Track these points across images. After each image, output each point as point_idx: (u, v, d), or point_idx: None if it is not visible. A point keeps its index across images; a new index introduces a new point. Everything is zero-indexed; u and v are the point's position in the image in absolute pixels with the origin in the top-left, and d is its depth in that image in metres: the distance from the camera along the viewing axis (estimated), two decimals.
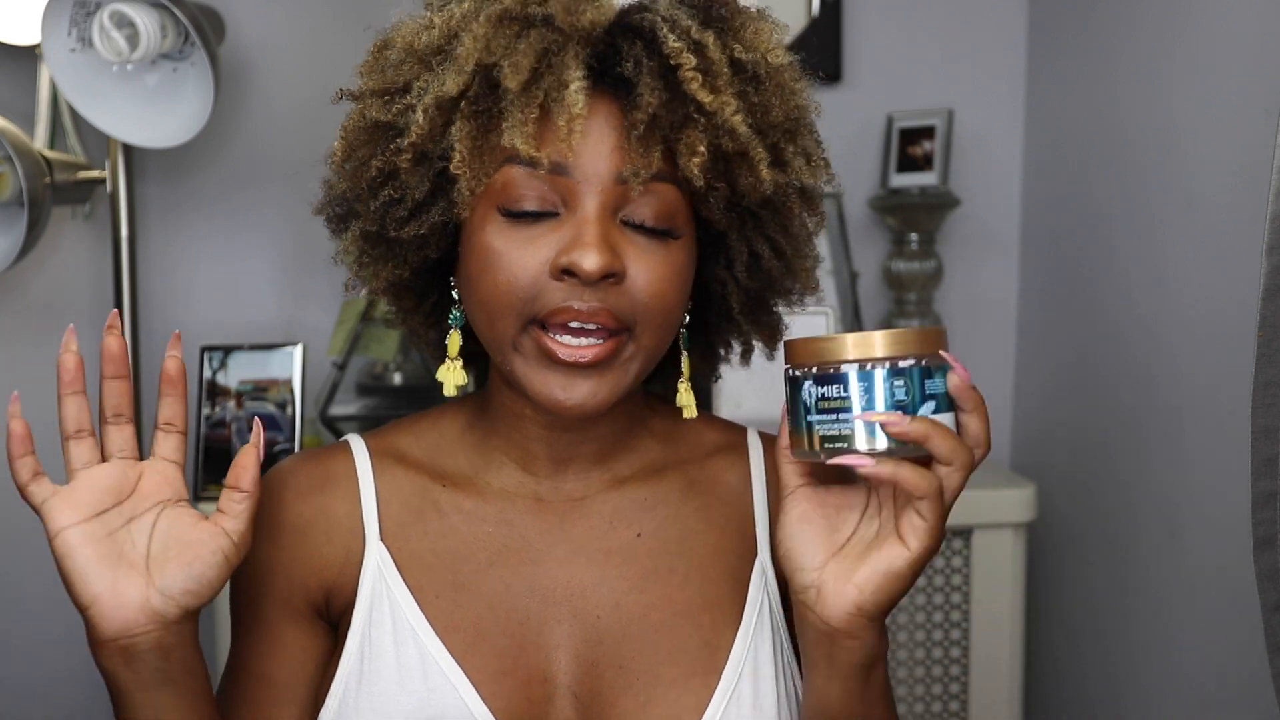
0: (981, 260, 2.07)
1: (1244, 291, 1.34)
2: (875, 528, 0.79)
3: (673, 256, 0.82)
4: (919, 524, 0.75)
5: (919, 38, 2.04)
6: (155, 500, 0.79)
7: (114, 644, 0.76)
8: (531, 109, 0.77)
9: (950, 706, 1.80)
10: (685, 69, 0.78)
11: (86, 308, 1.90)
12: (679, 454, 0.95)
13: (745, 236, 0.87)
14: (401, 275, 0.89)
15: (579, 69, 0.77)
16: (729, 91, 0.79)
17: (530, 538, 0.90)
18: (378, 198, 0.85)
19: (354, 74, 0.87)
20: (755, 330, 0.94)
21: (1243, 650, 1.38)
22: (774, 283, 0.90)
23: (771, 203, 0.85)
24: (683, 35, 0.79)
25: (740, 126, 0.79)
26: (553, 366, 0.80)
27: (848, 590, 0.77)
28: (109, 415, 0.81)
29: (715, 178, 0.81)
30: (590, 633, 0.88)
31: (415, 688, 0.85)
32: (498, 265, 0.80)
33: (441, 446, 0.93)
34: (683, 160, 0.79)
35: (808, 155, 0.85)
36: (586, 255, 0.77)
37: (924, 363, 0.76)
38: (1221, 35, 1.46)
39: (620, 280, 0.79)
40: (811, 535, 0.80)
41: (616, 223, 0.80)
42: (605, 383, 0.81)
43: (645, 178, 0.79)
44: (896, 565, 0.76)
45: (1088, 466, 1.82)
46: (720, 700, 0.86)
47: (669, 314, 0.82)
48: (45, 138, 1.77)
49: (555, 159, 0.78)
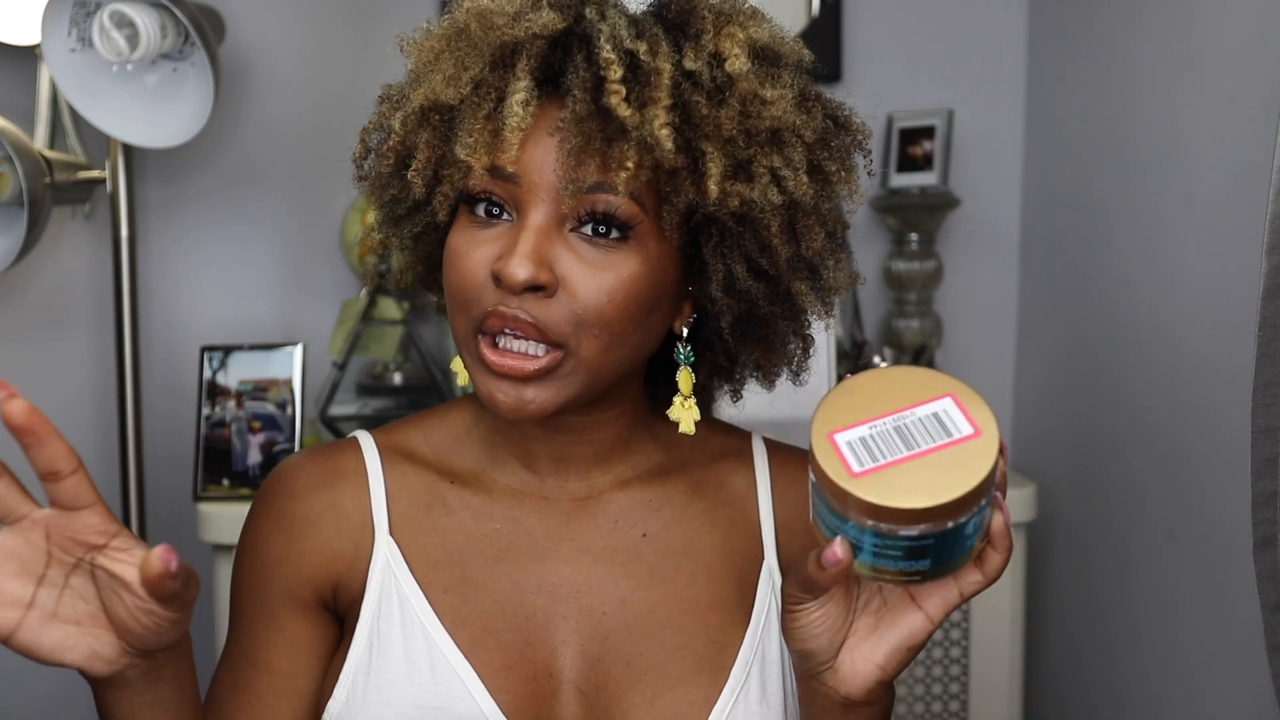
0: (981, 260, 2.07)
1: (1244, 291, 1.34)
2: (874, 593, 0.78)
3: (619, 267, 0.80)
4: (951, 596, 0.76)
5: (919, 38, 2.04)
6: (82, 552, 0.70)
7: (107, 683, 0.74)
8: (477, 120, 0.79)
9: (950, 706, 1.80)
10: (610, 81, 0.77)
11: (86, 308, 1.90)
12: (683, 458, 0.94)
13: (720, 253, 0.83)
14: (416, 269, 0.93)
15: (525, 79, 0.78)
16: (661, 104, 0.77)
17: (536, 535, 0.90)
18: (383, 196, 0.89)
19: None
20: (750, 351, 0.91)
21: (1243, 650, 1.38)
22: (757, 306, 0.86)
23: (746, 219, 0.81)
24: (616, 46, 0.78)
25: (666, 142, 0.77)
26: (490, 372, 0.81)
27: (868, 670, 0.77)
28: None
29: (669, 190, 0.80)
30: (596, 629, 0.88)
31: (423, 680, 0.85)
32: (455, 264, 0.82)
33: (449, 443, 0.94)
34: (610, 173, 0.78)
35: (794, 169, 0.81)
36: (513, 265, 0.78)
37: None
38: (1221, 35, 1.46)
39: (551, 293, 0.79)
40: (821, 630, 0.78)
41: (563, 231, 0.80)
42: (544, 391, 0.81)
43: (576, 190, 0.78)
44: (919, 638, 0.77)
45: (1088, 466, 1.82)
46: (729, 697, 0.87)
47: (606, 326, 0.80)
48: (45, 138, 1.77)
49: (499, 167, 0.79)
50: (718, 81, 0.79)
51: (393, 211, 0.89)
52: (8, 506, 0.69)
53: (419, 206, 0.87)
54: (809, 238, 0.84)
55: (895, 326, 1.98)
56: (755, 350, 0.91)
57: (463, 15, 0.82)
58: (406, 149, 0.84)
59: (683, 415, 0.88)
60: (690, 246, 0.84)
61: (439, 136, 0.82)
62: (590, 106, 0.77)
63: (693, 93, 0.79)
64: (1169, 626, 1.59)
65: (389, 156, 0.85)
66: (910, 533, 0.69)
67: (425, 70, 0.83)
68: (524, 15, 0.80)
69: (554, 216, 0.80)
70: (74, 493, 0.68)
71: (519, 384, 0.81)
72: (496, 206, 0.81)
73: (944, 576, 0.74)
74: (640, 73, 0.78)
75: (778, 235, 0.82)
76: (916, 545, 0.70)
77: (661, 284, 0.83)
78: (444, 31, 0.83)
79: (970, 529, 0.71)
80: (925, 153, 1.95)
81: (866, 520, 0.69)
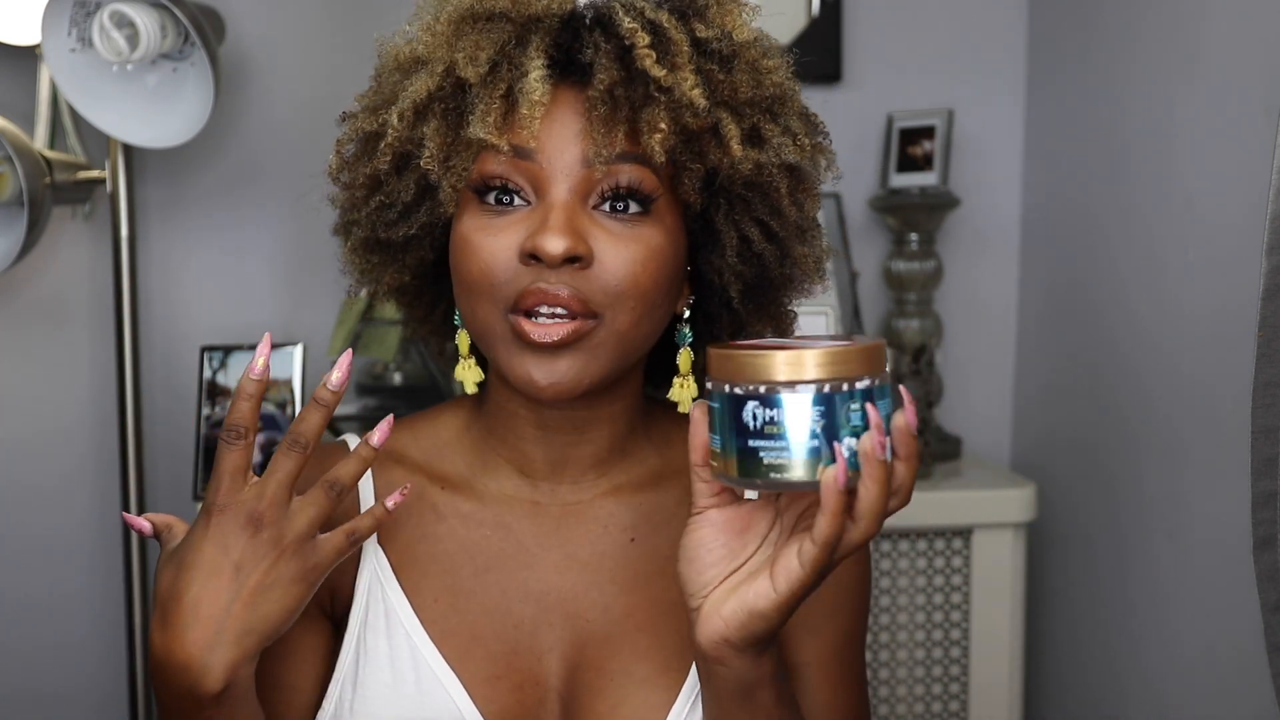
0: (981, 260, 2.07)
1: (1244, 291, 1.34)
2: (767, 557, 0.73)
3: (646, 239, 0.81)
4: (794, 569, 0.70)
5: (919, 38, 2.04)
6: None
7: (212, 697, 0.75)
8: (494, 100, 0.80)
9: (950, 706, 1.80)
10: (640, 47, 0.79)
11: (86, 308, 1.90)
12: (678, 461, 0.94)
13: (732, 220, 0.86)
14: (402, 279, 0.91)
15: (539, 58, 0.80)
16: (688, 68, 0.79)
17: (526, 542, 0.90)
18: (369, 204, 0.87)
19: (354, 80, 0.89)
20: (760, 322, 0.93)
21: (1243, 650, 1.38)
22: (769, 269, 0.88)
23: (756, 183, 0.84)
24: (638, 17, 0.80)
25: (700, 100, 0.79)
26: (526, 349, 0.81)
27: (715, 621, 0.73)
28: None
29: (689, 157, 0.82)
30: (579, 636, 0.88)
31: (409, 691, 0.85)
32: (474, 253, 0.81)
33: (439, 447, 0.93)
34: (644, 138, 0.79)
35: (793, 133, 0.85)
36: (549, 239, 0.78)
37: (875, 383, 0.68)
38: (1221, 36, 1.46)
39: (587, 264, 0.80)
40: (706, 562, 0.74)
41: (587, 209, 0.81)
42: (576, 363, 0.81)
43: (608, 158, 0.79)
44: (760, 605, 0.71)
45: (1088, 466, 1.82)
46: (687, 696, 0.86)
47: (642, 296, 0.81)
48: (45, 138, 1.77)
49: (519, 145, 0.80)
50: (724, 52, 0.82)
51: (383, 217, 0.87)
52: None
53: (413, 207, 0.86)
54: (809, 201, 0.88)
55: (895, 326, 1.98)
56: (762, 318, 0.92)
57: (467, 1, 0.83)
58: (406, 144, 0.84)
59: (682, 395, 0.89)
60: (698, 219, 0.86)
61: (447, 124, 0.82)
62: (618, 74, 0.79)
63: (706, 61, 0.81)
64: (1169, 626, 1.59)
65: (386, 154, 0.84)
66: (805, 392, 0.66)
67: (433, 55, 0.82)
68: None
69: (577, 193, 0.81)
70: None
71: (553, 358, 0.80)
72: (509, 194, 0.82)
73: (793, 487, 0.68)
74: (662, 40, 0.80)
75: (786, 197, 0.85)
76: (855, 395, 0.67)
77: (678, 257, 0.85)
78: (452, 15, 0.83)
79: (854, 417, 0.67)
80: (925, 153, 1.95)
81: (767, 384, 0.67)
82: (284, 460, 0.75)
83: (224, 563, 0.74)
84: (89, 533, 1.92)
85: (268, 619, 0.75)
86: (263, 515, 0.75)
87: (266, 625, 0.75)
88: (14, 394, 1.88)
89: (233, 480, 0.75)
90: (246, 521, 0.74)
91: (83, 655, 1.93)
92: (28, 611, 1.92)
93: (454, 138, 0.82)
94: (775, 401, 0.68)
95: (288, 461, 0.75)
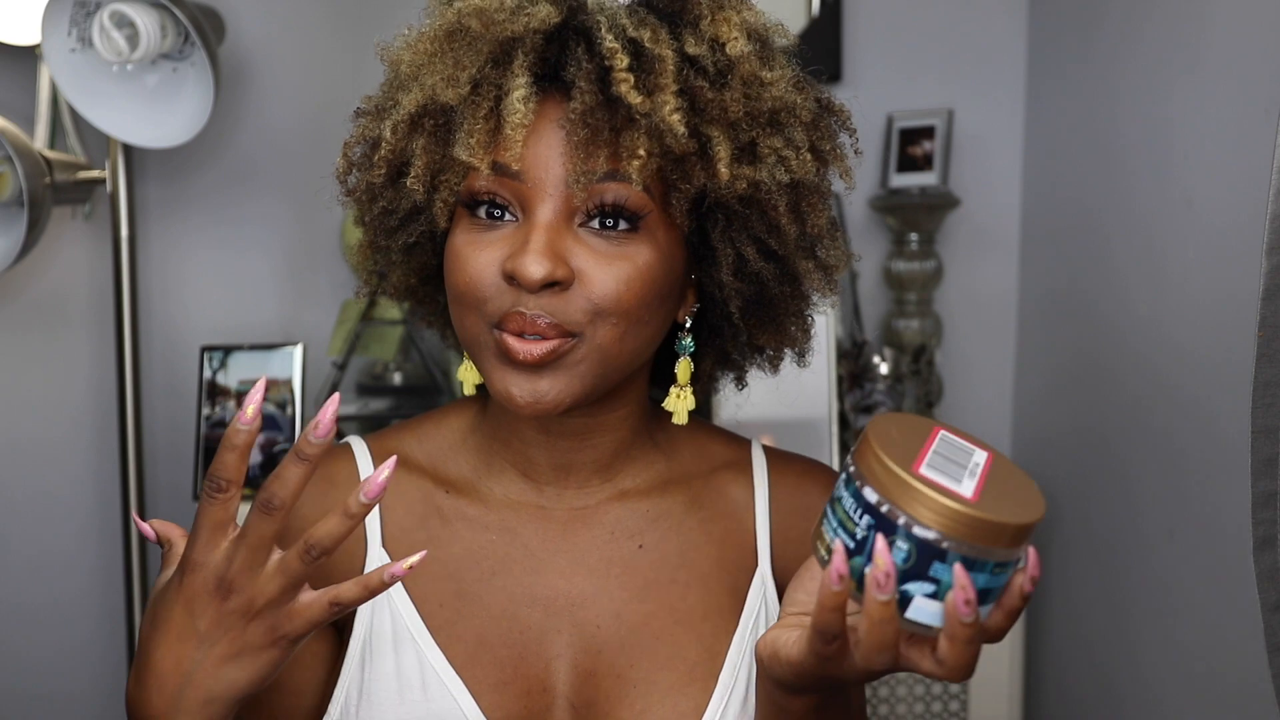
0: (981, 260, 2.07)
1: (1244, 291, 1.34)
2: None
3: (633, 256, 0.80)
4: (801, 640, 0.70)
5: (919, 38, 2.04)
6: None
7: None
8: (477, 120, 0.78)
9: (950, 706, 1.80)
10: (617, 70, 0.77)
11: (86, 308, 1.90)
12: (684, 468, 0.94)
13: (729, 237, 0.84)
14: (409, 281, 0.92)
15: (523, 75, 0.78)
16: (669, 90, 0.77)
17: (533, 547, 0.89)
18: (372, 210, 0.88)
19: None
20: (764, 335, 0.91)
21: (1243, 650, 1.38)
22: (768, 287, 0.86)
23: (753, 200, 0.82)
24: (620, 35, 0.78)
25: (678, 126, 0.77)
26: (509, 365, 0.80)
27: (767, 636, 0.74)
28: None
29: (678, 177, 0.80)
30: (590, 643, 0.87)
31: (415, 698, 0.84)
32: (462, 267, 0.81)
33: (444, 450, 0.93)
34: (623, 163, 0.78)
35: (796, 146, 0.82)
36: (527, 264, 0.77)
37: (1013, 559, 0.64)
38: (1221, 36, 1.46)
39: (566, 287, 0.78)
40: (810, 590, 0.76)
41: (573, 226, 0.80)
42: (557, 382, 0.80)
43: (589, 180, 0.78)
44: (784, 653, 0.72)
45: (1087, 466, 1.82)
46: (718, 704, 0.86)
47: (625, 314, 0.80)
48: (45, 138, 1.77)
49: (503, 165, 0.78)
50: (719, 66, 0.79)
51: (385, 223, 0.88)
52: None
53: (413, 215, 0.86)
54: (814, 216, 0.84)
55: (895, 326, 1.98)
56: (765, 333, 0.91)
57: (455, 15, 0.81)
58: (400, 157, 0.83)
59: (677, 406, 0.88)
60: (696, 234, 0.84)
61: (435, 141, 0.81)
62: (597, 97, 0.77)
63: (696, 78, 0.79)
64: (1168, 626, 1.59)
65: (381, 166, 0.83)
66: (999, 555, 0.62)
67: (418, 73, 0.81)
68: (522, 10, 0.79)
69: (562, 212, 0.79)
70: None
71: (534, 376, 0.79)
72: (499, 208, 0.81)
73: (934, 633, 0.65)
74: (645, 60, 0.78)
75: (785, 215, 0.83)
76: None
77: (673, 272, 0.83)
78: (435, 32, 0.81)
79: (999, 582, 0.64)
80: (925, 153, 1.95)
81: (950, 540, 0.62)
82: (259, 523, 0.67)
83: (190, 629, 0.69)
84: (89, 532, 1.92)
85: (233, 686, 0.70)
86: (233, 581, 0.68)
87: (232, 692, 0.70)
88: (14, 394, 1.88)
89: (211, 536, 0.68)
90: (216, 587, 0.68)
91: (83, 656, 1.93)
92: (27, 613, 1.92)
93: (443, 154, 0.81)
94: (899, 531, 0.63)
95: (262, 524, 0.67)
